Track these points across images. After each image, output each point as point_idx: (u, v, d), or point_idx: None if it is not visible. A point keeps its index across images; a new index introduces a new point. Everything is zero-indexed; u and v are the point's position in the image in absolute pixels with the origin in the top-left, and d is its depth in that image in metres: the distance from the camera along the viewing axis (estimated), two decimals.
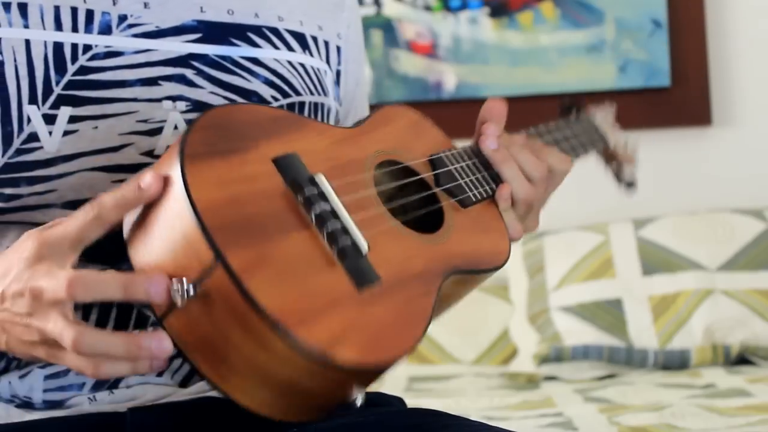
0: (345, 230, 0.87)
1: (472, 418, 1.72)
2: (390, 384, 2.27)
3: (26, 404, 0.97)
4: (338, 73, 1.12)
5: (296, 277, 0.82)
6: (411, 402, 1.14)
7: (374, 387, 1.18)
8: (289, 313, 0.79)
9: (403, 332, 0.87)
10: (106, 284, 0.80)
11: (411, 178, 1.04)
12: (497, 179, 1.11)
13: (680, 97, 2.64)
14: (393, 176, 1.03)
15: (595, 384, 2.17)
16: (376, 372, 0.85)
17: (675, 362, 2.24)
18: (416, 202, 1.03)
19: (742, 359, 2.24)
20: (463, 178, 1.07)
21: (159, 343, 0.80)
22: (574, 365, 2.25)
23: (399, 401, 1.13)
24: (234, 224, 0.81)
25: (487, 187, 1.09)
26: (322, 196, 0.87)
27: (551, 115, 2.67)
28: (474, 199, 1.06)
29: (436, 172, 1.05)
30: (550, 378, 2.25)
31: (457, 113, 2.69)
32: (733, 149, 2.65)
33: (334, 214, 0.87)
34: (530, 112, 2.67)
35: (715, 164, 2.65)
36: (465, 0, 2.67)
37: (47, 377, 0.96)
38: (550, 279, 2.42)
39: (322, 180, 0.88)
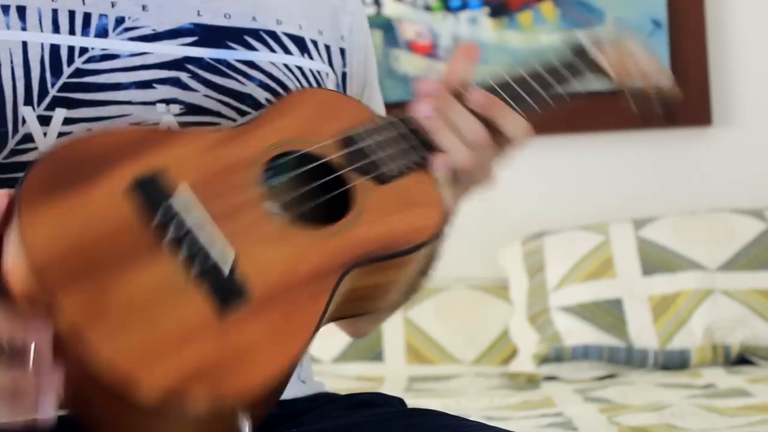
0: (204, 250, 0.80)
1: (472, 418, 1.72)
2: (390, 384, 2.27)
3: None
4: (344, 75, 1.12)
5: (144, 317, 0.76)
6: (411, 402, 1.14)
7: (374, 387, 1.18)
8: (132, 362, 0.73)
9: (277, 350, 0.79)
10: None
11: (308, 166, 0.93)
12: (433, 147, 0.99)
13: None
14: (292, 168, 0.94)
15: (595, 384, 2.17)
16: (246, 404, 0.77)
17: (675, 362, 2.24)
18: (315, 191, 0.93)
19: (742, 359, 2.24)
20: (378, 153, 0.95)
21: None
22: (574, 365, 2.25)
23: (399, 402, 1.13)
24: (71, 268, 0.75)
25: (415, 157, 0.97)
26: (179, 216, 0.80)
27: (551, 115, 2.67)
28: (394, 173, 0.95)
29: (348, 150, 0.95)
30: (550, 378, 2.25)
31: None
32: (733, 149, 2.65)
33: (190, 233, 0.80)
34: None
35: (715, 164, 2.65)
36: (465, 0, 2.67)
37: None
38: (550, 279, 2.42)
39: (181, 196, 0.82)
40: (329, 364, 2.39)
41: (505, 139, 1.00)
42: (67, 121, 0.93)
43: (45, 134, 0.93)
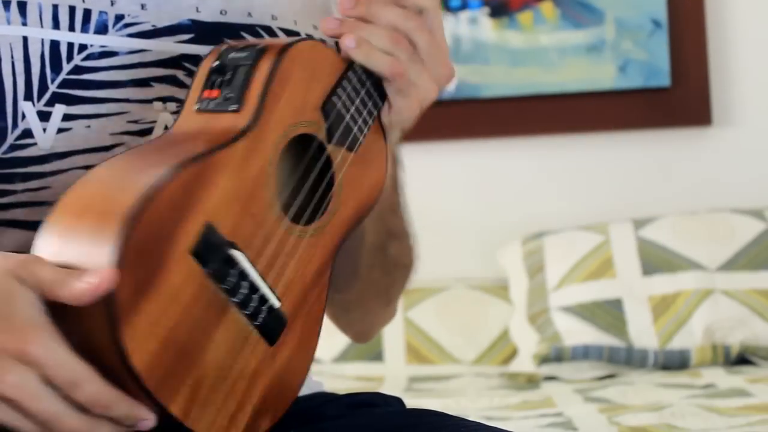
0: (262, 297, 0.84)
1: (472, 418, 1.72)
2: (390, 384, 2.27)
3: None
4: None
5: (225, 383, 0.82)
6: (411, 402, 1.14)
7: (374, 387, 1.18)
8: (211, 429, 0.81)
9: (303, 356, 0.89)
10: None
11: (305, 157, 0.93)
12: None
13: (680, 97, 2.64)
14: (294, 162, 0.94)
15: (595, 384, 2.17)
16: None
17: (675, 362, 2.24)
18: (313, 184, 0.93)
19: (742, 359, 2.24)
20: (348, 113, 0.94)
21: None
22: (574, 365, 2.25)
23: (398, 401, 1.13)
24: (169, 366, 0.78)
25: (371, 105, 0.96)
26: (234, 273, 0.82)
27: (550, 114, 2.68)
28: (359, 137, 0.95)
29: (328, 122, 0.93)
30: (550, 378, 2.25)
31: (457, 113, 2.69)
32: (733, 149, 2.65)
33: (246, 285, 0.83)
34: (530, 112, 2.67)
35: (715, 164, 2.65)
36: (465, 0, 2.67)
37: None
38: (550, 279, 2.42)
39: (231, 252, 0.82)
40: (329, 364, 2.39)
41: (427, 16, 0.95)
42: (66, 118, 0.93)
43: (44, 130, 0.93)
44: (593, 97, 2.66)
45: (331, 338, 2.09)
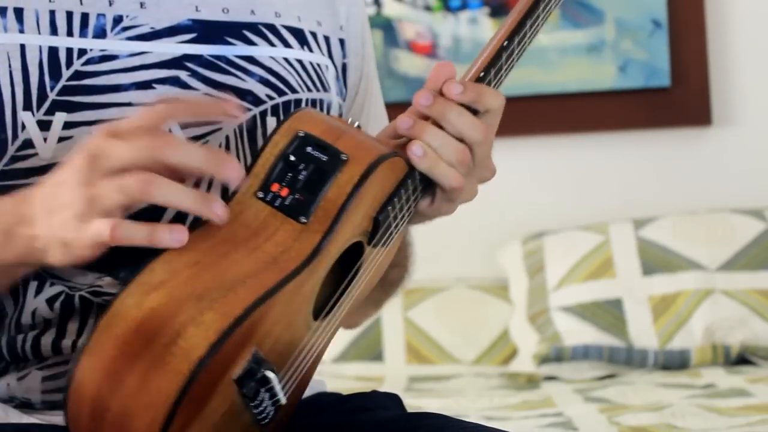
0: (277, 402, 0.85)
1: (472, 418, 1.72)
2: (390, 384, 2.27)
3: (25, 405, 0.96)
4: (344, 67, 1.11)
5: None
6: (411, 402, 1.14)
7: (374, 387, 1.18)
8: None
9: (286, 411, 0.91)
10: (192, 150, 0.81)
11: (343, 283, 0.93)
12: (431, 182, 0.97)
13: (680, 97, 2.64)
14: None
15: (595, 384, 2.17)
16: None
17: (675, 362, 2.24)
18: (339, 279, 0.93)
19: (742, 359, 2.24)
20: (393, 225, 0.94)
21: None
22: (574, 365, 2.25)
23: (393, 398, 1.12)
24: None
25: (413, 204, 0.97)
26: (269, 391, 0.83)
27: (550, 114, 2.68)
28: (396, 231, 0.96)
29: (375, 230, 0.92)
30: (550, 378, 2.25)
31: None
32: (733, 149, 2.65)
33: (269, 399, 0.84)
34: (530, 112, 2.67)
35: (715, 164, 2.65)
36: (465, 0, 2.67)
37: (45, 378, 0.95)
38: (550, 279, 2.42)
39: (269, 376, 0.83)
40: (329, 364, 2.39)
41: (490, 116, 0.98)
42: (68, 125, 0.92)
43: (45, 139, 0.91)
44: (593, 97, 2.66)
45: None
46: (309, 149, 0.88)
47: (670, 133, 2.66)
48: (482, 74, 0.98)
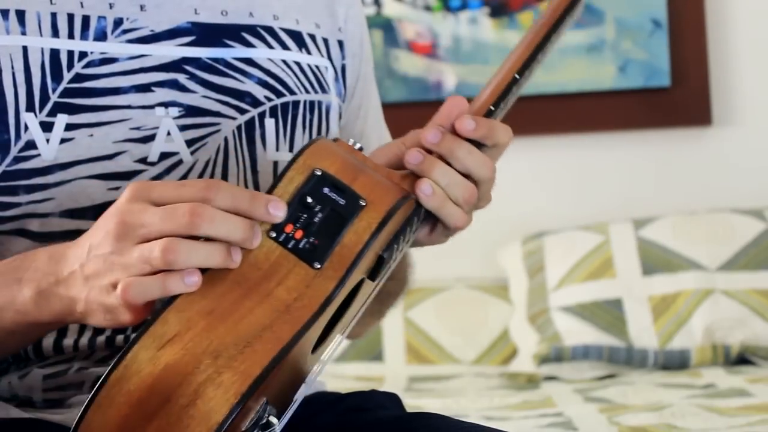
0: None
1: (472, 418, 1.72)
2: (390, 384, 2.27)
3: (26, 403, 0.97)
4: (343, 68, 1.11)
5: None
6: (411, 402, 1.14)
7: (372, 386, 1.18)
8: None
9: None
10: (238, 194, 0.80)
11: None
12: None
13: (680, 97, 2.64)
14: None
15: (595, 384, 2.17)
16: None
17: (675, 362, 2.24)
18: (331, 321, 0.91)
19: (742, 359, 2.24)
20: (394, 260, 0.93)
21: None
22: (574, 365, 2.25)
23: (393, 398, 1.12)
24: None
25: (412, 236, 0.95)
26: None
27: (550, 114, 2.68)
28: (394, 263, 0.94)
29: (378, 266, 0.90)
30: (550, 378, 2.25)
31: None
32: (733, 149, 2.65)
33: None
34: (530, 112, 2.67)
35: (715, 164, 2.65)
36: (465, 0, 2.67)
37: (46, 377, 0.96)
38: (550, 279, 2.42)
39: (273, 422, 0.80)
40: (329, 364, 2.39)
41: (497, 150, 0.97)
42: (69, 127, 0.93)
43: (47, 140, 0.92)
44: (593, 97, 2.66)
45: None
46: (326, 190, 0.85)
47: (670, 133, 2.66)
48: (492, 108, 0.97)
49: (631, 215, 2.53)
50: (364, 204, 0.85)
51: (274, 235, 0.83)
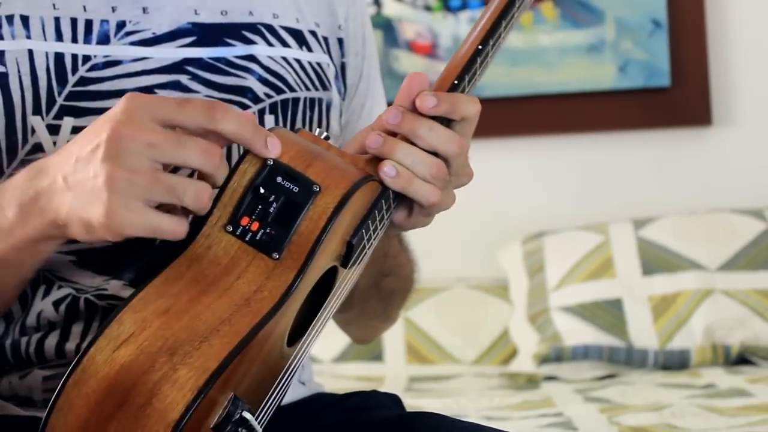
0: None
1: (472, 418, 1.72)
2: (390, 384, 2.27)
3: (26, 402, 0.97)
4: (343, 66, 1.12)
5: None
6: (411, 402, 1.14)
7: (373, 387, 1.18)
8: None
9: None
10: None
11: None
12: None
13: (680, 97, 2.64)
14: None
15: (595, 384, 2.17)
16: None
17: (675, 362, 2.24)
18: (311, 304, 0.91)
19: (742, 359, 2.24)
20: (365, 248, 0.91)
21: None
22: (574, 365, 2.25)
23: (394, 399, 1.13)
24: None
25: (387, 220, 0.93)
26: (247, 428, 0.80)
27: (550, 114, 2.68)
28: (369, 248, 0.92)
29: (349, 253, 0.88)
30: (550, 378, 2.25)
31: None
32: (733, 149, 2.65)
33: None
34: (530, 112, 2.67)
35: (715, 164, 2.65)
36: (465, 0, 2.67)
37: (46, 378, 0.96)
38: (550, 279, 2.42)
39: (248, 417, 0.79)
40: (329, 364, 2.39)
41: (466, 123, 0.93)
42: (75, 130, 0.93)
43: (54, 143, 0.92)
44: (593, 97, 2.66)
45: (331, 338, 2.09)
46: (279, 179, 0.83)
47: (670, 133, 2.66)
48: (456, 82, 0.93)
49: (631, 215, 2.53)
50: (318, 189, 0.83)
51: (230, 229, 0.82)
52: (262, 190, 0.83)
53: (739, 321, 2.27)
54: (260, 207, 0.83)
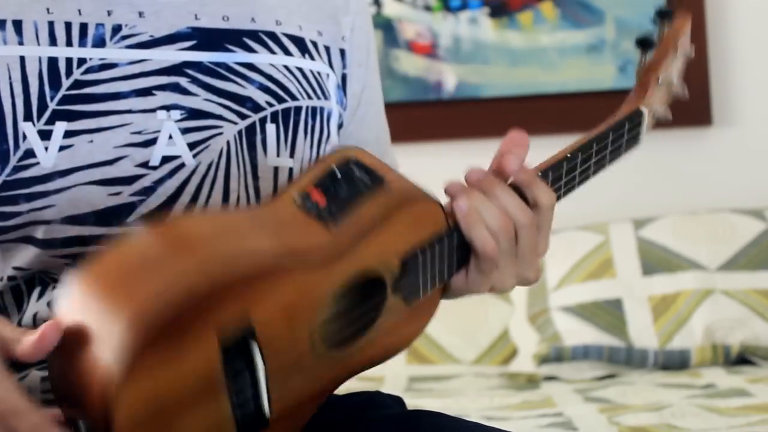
0: (257, 400, 0.83)
1: (472, 418, 1.72)
2: (390, 384, 2.27)
3: None
4: (344, 77, 1.11)
5: None
6: (411, 402, 1.14)
7: (374, 387, 1.18)
8: None
9: None
10: None
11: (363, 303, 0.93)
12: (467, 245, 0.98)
13: (680, 97, 2.63)
14: (354, 290, 0.92)
15: (595, 384, 2.17)
16: None
17: (675, 362, 2.24)
18: (357, 317, 0.94)
19: (742, 359, 2.24)
20: (425, 274, 0.95)
21: None
22: (574, 365, 2.25)
23: (397, 400, 1.13)
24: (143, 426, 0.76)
25: (447, 271, 0.97)
26: (248, 365, 0.82)
27: (550, 114, 2.67)
28: (424, 293, 0.96)
29: (403, 277, 0.92)
30: (550, 378, 2.25)
31: (456, 113, 2.69)
32: (733, 149, 2.65)
33: (248, 382, 0.82)
34: (530, 112, 2.67)
35: (715, 164, 2.65)
36: (465, 0, 2.67)
37: (44, 379, 0.96)
38: (550, 279, 2.42)
39: (252, 345, 0.82)
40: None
41: (538, 212, 1.01)
42: (68, 134, 0.92)
43: (46, 149, 0.92)
44: (593, 97, 2.66)
45: None
46: (356, 171, 0.91)
47: (670, 133, 2.66)
48: (540, 174, 1.04)
49: (631, 215, 2.53)
50: (387, 182, 0.91)
51: (300, 201, 0.90)
52: (338, 174, 0.91)
53: (739, 321, 2.27)
54: (331, 188, 0.90)
